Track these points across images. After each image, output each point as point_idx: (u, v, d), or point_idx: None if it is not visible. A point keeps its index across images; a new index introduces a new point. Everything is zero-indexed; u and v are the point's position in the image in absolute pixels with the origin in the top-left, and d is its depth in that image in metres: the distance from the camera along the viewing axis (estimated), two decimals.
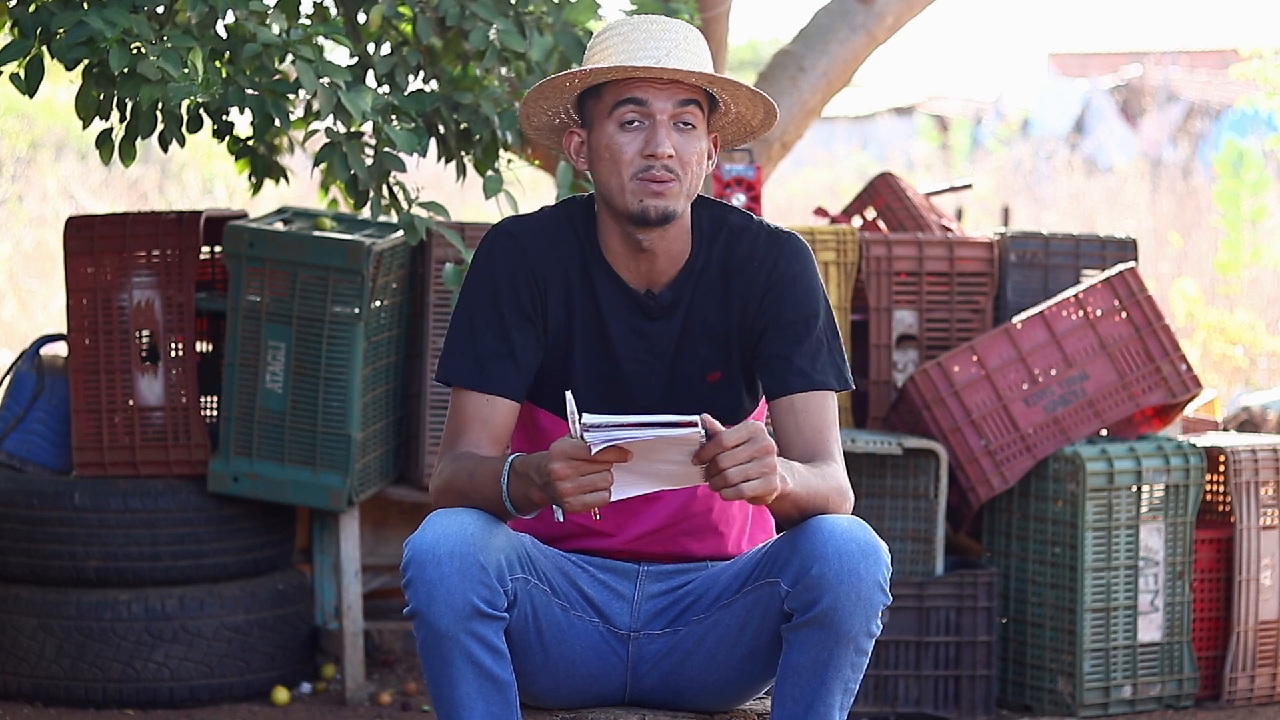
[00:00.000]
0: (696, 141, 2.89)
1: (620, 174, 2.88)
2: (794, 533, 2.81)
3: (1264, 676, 4.95)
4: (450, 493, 2.88)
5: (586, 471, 2.65)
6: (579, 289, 2.96)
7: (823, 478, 2.85)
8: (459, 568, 2.72)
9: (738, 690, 2.98)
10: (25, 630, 4.75)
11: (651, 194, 2.87)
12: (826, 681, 2.79)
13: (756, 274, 2.96)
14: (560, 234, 2.98)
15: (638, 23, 2.92)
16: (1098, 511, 4.77)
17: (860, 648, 2.78)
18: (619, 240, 2.95)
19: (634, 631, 2.97)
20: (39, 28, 3.83)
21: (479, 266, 2.97)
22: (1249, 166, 11.28)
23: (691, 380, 2.95)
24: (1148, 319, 4.94)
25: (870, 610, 2.76)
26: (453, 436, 2.94)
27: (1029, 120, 20.14)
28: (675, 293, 2.96)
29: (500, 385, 2.92)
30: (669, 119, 2.87)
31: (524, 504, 2.79)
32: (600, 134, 2.90)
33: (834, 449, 2.93)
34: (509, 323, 2.93)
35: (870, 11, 6.17)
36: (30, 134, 14.57)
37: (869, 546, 2.76)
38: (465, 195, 10.19)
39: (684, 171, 2.88)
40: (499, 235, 2.98)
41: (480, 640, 2.76)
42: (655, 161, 2.86)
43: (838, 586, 2.73)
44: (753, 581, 2.87)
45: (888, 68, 38.52)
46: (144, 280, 4.90)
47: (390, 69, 4.30)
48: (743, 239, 2.98)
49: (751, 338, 2.96)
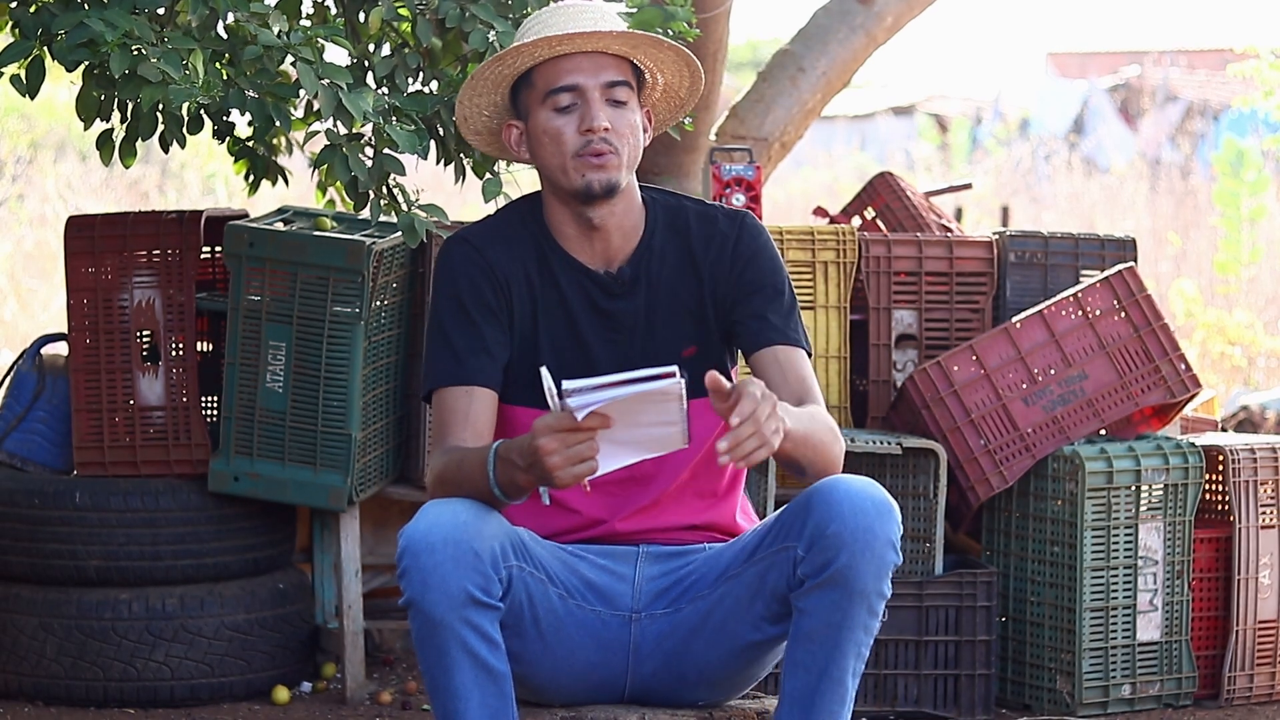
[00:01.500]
0: (630, 114, 2.99)
1: (562, 154, 2.97)
2: (807, 496, 2.85)
3: (1263, 675, 4.95)
4: (443, 486, 2.91)
5: (572, 442, 2.67)
6: (540, 281, 3.02)
7: (813, 418, 2.90)
8: (453, 555, 2.75)
9: (741, 666, 2.99)
10: (26, 629, 4.75)
11: (593, 168, 2.95)
12: (840, 644, 2.80)
13: (722, 250, 3.04)
14: (513, 232, 3.05)
15: (557, 7, 3.01)
16: (1097, 511, 4.78)
17: (872, 608, 2.81)
18: (570, 223, 3.02)
19: (636, 613, 2.98)
20: (40, 29, 3.83)
21: (440, 276, 3.05)
22: (1248, 166, 11.29)
23: (666, 357, 2.98)
24: (1147, 319, 4.95)
25: (883, 567, 2.80)
26: (439, 435, 2.98)
27: (1028, 120, 20.15)
28: (634, 269, 3.02)
29: (478, 375, 2.97)
30: (600, 95, 2.96)
31: (512, 489, 2.81)
32: (536, 120, 2.99)
33: (818, 395, 3.00)
34: (477, 320, 2.99)
35: (870, 12, 6.17)
36: (31, 134, 14.57)
37: (883, 505, 2.81)
38: (464, 197, 10.20)
39: (621, 143, 2.96)
40: (454, 243, 3.06)
41: (475, 629, 2.77)
42: (593, 136, 2.94)
43: (853, 544, 2.77)
44: (764, 549, 2.90)
45: (888, 68, 38.48)
46: (144, 280, 4.91)
47: (390, 70, 4.30)
48: (702, 220, 3.07)
49: (724, 309, 3.03)
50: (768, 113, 6.06)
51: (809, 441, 2.86)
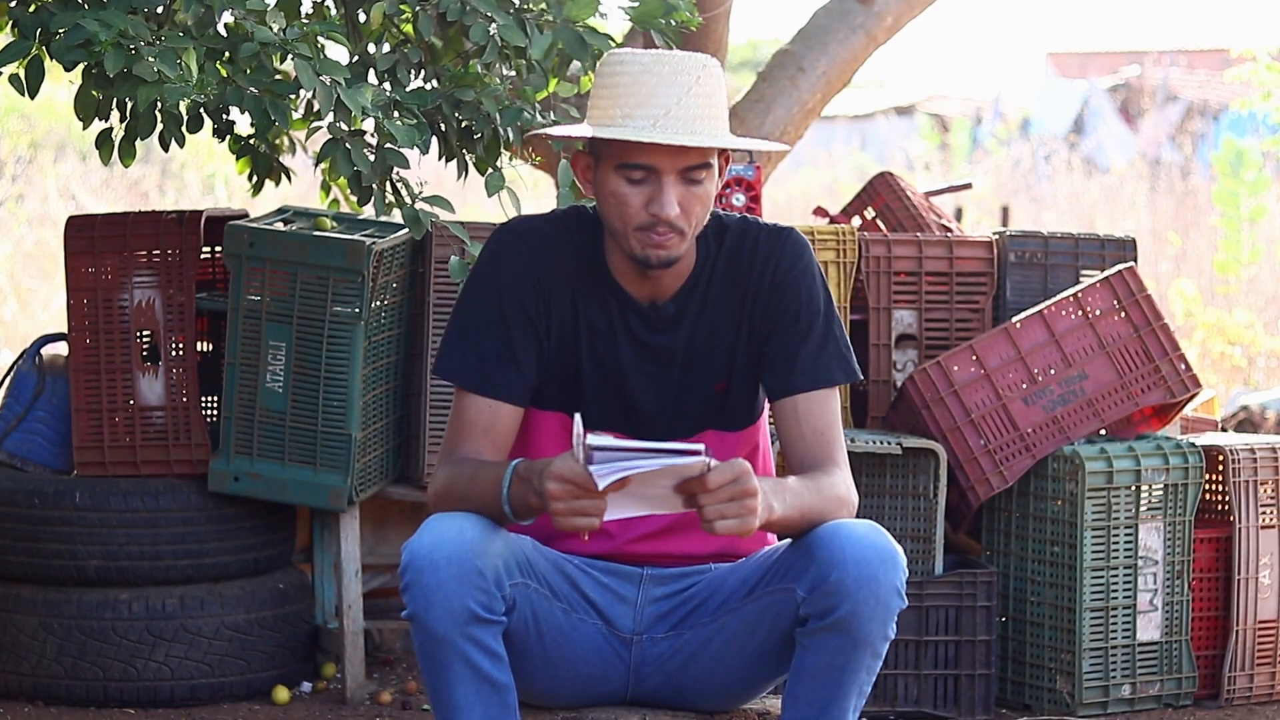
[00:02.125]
0: (705, 188, 2.84)
1: (624, 221, 2.84)
2: (809, 539, 2.80)
3: (1263, 675, 4.95)
4: (449, 497, 2.87)
5: (582, 497, 2.65)
6: (584, 301, 2.94)
7: (818, 490, 2.84)
8: (456, 573, 2.72)
9: (743, 690, 2.98)
10: (26, 629, 4.75)
11: (654, 245, 2.84)
12: (842, 685, 2.79)
13: (762, 275, 2.95)
14: (566, 243, 2.95)
15: (648, 63, 2.81)
16: (1097, 511, 4.78)
17: (876, 652, 2.79)
18: (623, 259, 2.93)
19: (637, 635, 2.96)
20: (38, 28, 3.83)
21: (485, 264, 2.95)
22: (1248, 166, 11.29)
23: (699, 390, 2.95)
24: (1147, 318, 4.94)
25: (888, 615, 2.77)
26: (454, 441, 2.93)
27: (1028, 120, 20.16)
28: (679, 305, 2.94)
29: (503, 390, 2.91)
30: (676, 178, 2.82)
31: (523, 509, 2.78)
32: (605, 178, 2.85)
33: (835, 451, 2.93)
34: (511, 325, 2.92)
35: (870, 11, 6.17)
36: (31, 134, 14.57)
37: (886, 552, 2.76)
38: (466, 194, 10.20)
39: (689, 223, 2.84)
40: (507, 235, 2.96)
41: (478, 644, 2.75)
42: (659, 221, 2.81)
43: (857, 593, 2.73)
44: (764, 587, 2.86)
45: (888, 68, 38.49)
46: (144, 280, 4.91)
47: (391, 66, 4.30)
48: (743, 242, 2.97)
49: (758, 341, 2.95)
50: (768, 113, 6.06)
51: (807, 520, 2.82)
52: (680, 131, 2.77)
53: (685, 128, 2.78)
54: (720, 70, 2.85)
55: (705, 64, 2.82)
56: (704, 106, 2.80)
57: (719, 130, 2.82)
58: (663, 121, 2.77)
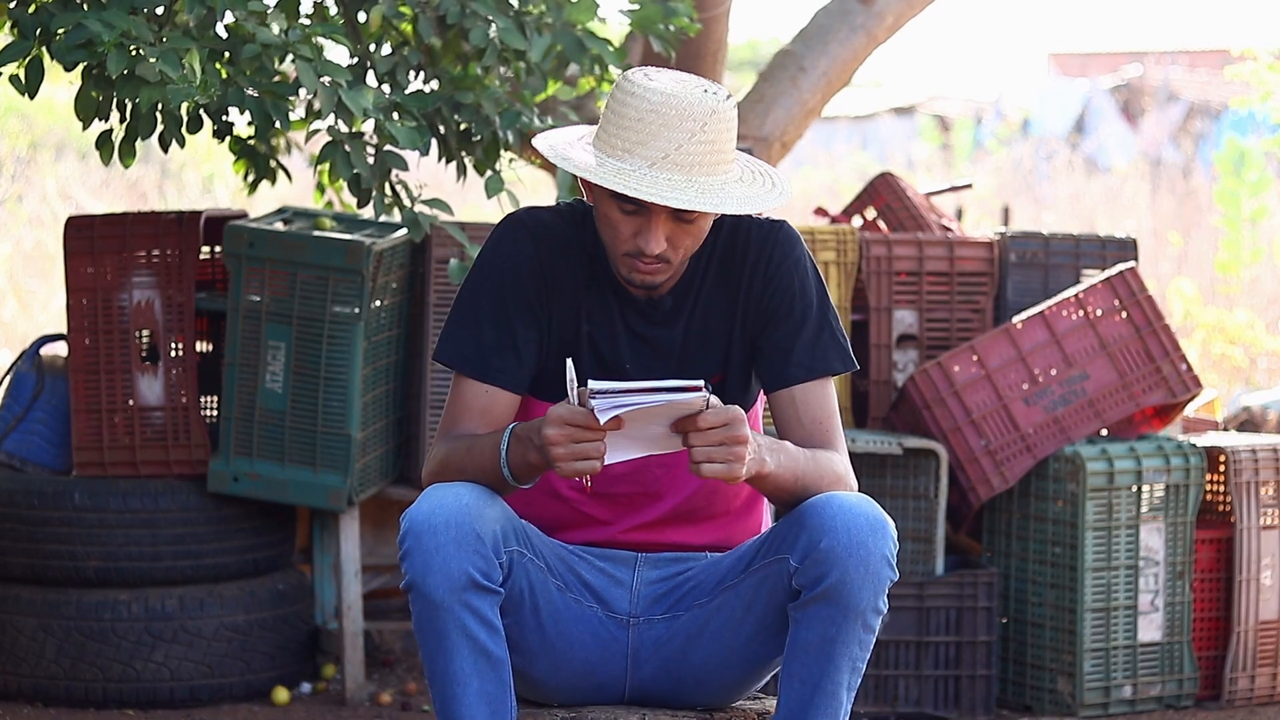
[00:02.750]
0: (698, 224, 2.85)
1: (614, 244, 2.87)
2: (800, 509, 2.82)
3: (1264, 676, 4.95)
4: (446, 470, 2.90)
5: (581, 439, 2.67)
6: (585, 294, 2.96)
7: (814, 459, 2.87)
8: (455, 537, 2.74)
9: (741, 676, 2.98)
10: (25, 630, 4.75)
11: (638, 272, 2.87)
12: (834, 658, 2.80)
13: (754, 268, 2.97)
14: (570, 238, 2.97)
15: (657, 103, 2.79)
16: (1098, 511, 4.77)
17: (868, 624, 2.80)
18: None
19: (633, 617, 2.97)
20: (39, 29, 3.83)
21: (490, 253, 2.97)
22: (1249, 166, 11.28)
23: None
24: (1148, 319, 4.94)
25: (878, 585, 2.78)
26: (450, 423, 2.96)
27: (1029, 120, 20.14)
28: (676, 298, 2.97)
29: (501, 377, 2.93)
30: (667, 216, 2.82)
31: (522, 468, 2.80)
32: (600, 198, 2.87)
33: (834, 439, 2.95)
34: (513, 314, 2.94)
35: (870, 11, 6.17)
36: (30, 134, 14.56)
37: (877, 521, 2.79)
38: (466, 196, 10.19)
39: (676, 256, 2.86)
40: (513, 225, 2.98)
41: (475, 613, 2.76)
42: (645, 253, 2.83)
43: (846, 560, 2.75)
44: (759, 560, 2.88)
45: (889, 68, 38.53)
46: (144, 280, 4.90)
47: (391, 68, 4.30)
48: (736, 236, 2.99)
49: (752, 333, 2.97)
50: (768, 112, 6.05)
51: (801, 485, 2.84)
52: (676, 175, 2.78)
53: (682, 174, 2.78)
54: (733, 111, 2.82)
55: (714, 110, 2.79)
56: (706, 154, 2.79)
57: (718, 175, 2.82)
58: (660, 165, 2.78)
